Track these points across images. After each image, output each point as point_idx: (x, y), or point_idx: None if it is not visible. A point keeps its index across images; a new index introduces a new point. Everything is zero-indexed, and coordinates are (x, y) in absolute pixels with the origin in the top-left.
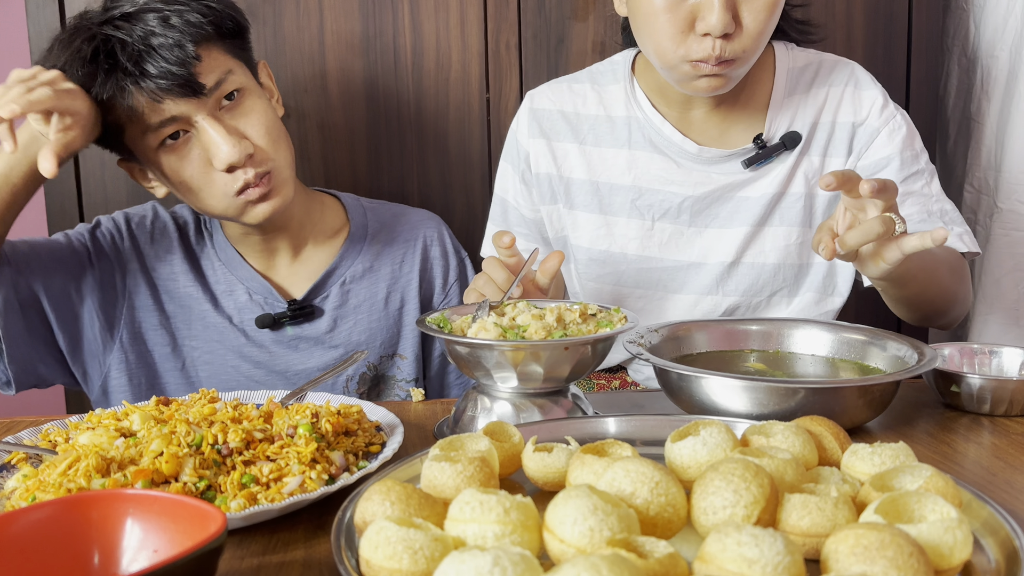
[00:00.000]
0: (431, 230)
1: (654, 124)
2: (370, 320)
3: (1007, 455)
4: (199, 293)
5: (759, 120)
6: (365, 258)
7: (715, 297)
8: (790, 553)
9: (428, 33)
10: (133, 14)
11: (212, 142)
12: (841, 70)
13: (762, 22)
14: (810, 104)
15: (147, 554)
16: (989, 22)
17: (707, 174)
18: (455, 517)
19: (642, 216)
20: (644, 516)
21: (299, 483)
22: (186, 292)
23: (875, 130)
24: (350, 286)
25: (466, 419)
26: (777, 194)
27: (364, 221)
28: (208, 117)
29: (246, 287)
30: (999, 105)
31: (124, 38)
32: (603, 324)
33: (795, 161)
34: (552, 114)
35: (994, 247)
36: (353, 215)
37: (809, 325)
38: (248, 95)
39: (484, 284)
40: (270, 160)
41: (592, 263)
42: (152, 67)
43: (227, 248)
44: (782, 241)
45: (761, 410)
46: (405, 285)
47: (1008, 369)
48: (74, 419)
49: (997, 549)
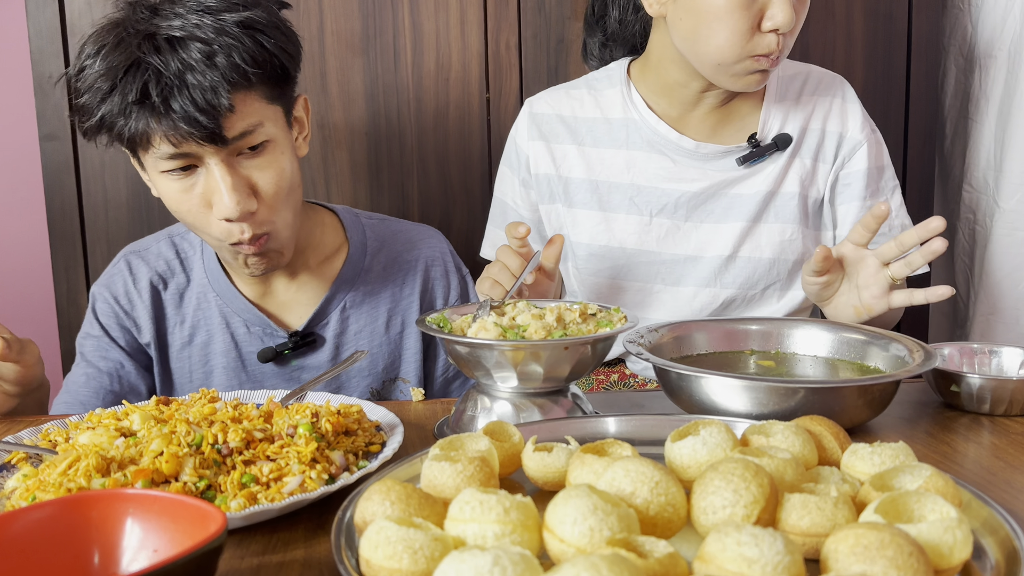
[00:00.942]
0: (433, 249)
1: (650, 124)
2: (371, 346)
3: (1007, 455)
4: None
5: (751, 121)
6: (365, 281)
7: (713, 289)
8: (790, 553)
9: (428, 33)
10: (179, 39)
11: (217, 190)
12: (829, 82)
13: (800, 21)
14: (801, 110)
15: (147, 554)
16: (987, 22)
17: (703, 171)
18: (455, 517)
19: (640, 212)
20: (644, 516)
21: (299, 483)
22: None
23: (858, 143)
24: (350, 311)
25: (466, 419)
26: (770, 192)
27: (363, 240)
28: (221, 164)
29: (243, 319)
30: (998, 105)
31: (160, 68)
32: (603, 324)
33: (787, 162)
34: (551, 118)
35: (994, 247)
36: (351, 233)
37: (809, 325)
38: (272, 149)
39: (499, 271)
40: (270, 223)
41: (592, 258)
42: (178, 106)
43: (220, 278)
44: (777, 237)
45: (761, 410)
46: (406, 308)
47: (1008, 369)
48: (74, 419)
49: (997, 549)
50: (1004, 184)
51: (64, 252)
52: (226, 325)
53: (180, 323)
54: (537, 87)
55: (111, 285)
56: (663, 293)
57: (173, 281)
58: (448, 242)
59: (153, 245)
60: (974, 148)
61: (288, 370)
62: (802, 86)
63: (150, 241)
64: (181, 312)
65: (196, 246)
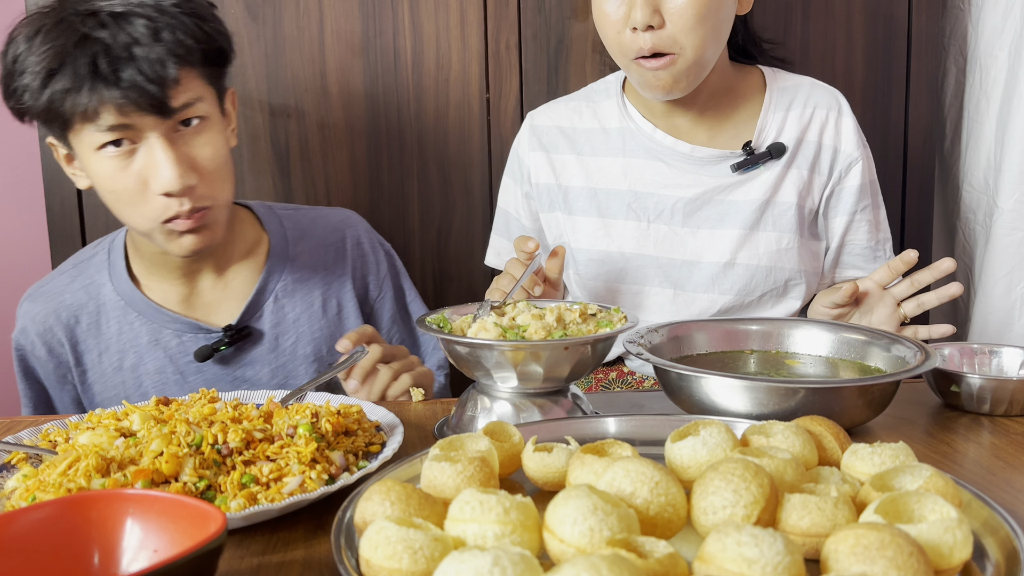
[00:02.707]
0: (355, 228)
1: (645, 132)
2: (311, 331)
3: (1007, 455)
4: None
5: (748, 128)
6: (293, 269)
7: (711, 295)
8: (790, 553)
9: (428, 33)
10: (122, 14)
11: (158, 164)
12: (825, 94)
13: (688, 18)
14: (797, 120)
15: (147, 554)
16: (987, 22)
17: (698, 176)
18: (455, 517)
19: (638, 218)
20: (644, 516)
21: (299, 483)
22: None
23: (854, 160)
24: (284, 300)
25: (466, 419)
26: (766, 200)
27: (282, 231)
28: (162, 138)
29: (173, 330)
30: (998, 105)
31: (108, 42)
32: (603, 324)
33: (783, 171)
34: (551, 130)
35: (994, 247)
36: (269, 226)
37: (809, 325)
38: (210, 126)
39: (508, 283)
40: (209, 198)
41: (591, 263)
42: (127, 76)
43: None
44: (774, 245)
45: (761, 410)
46: (339, 289)
47: (1008, 369)
48: (74, 419)
49: (997, 549)
50: (1003, 184)
51: (64, 252)
52: (156, 342)
53: (105, 350)
54: (537, 87)
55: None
56: (660, 296)
57: (84, 312)
58: (365, 221)
59: (56, 278)
60: (974, 148)
61: (231, 370)
62: (797, 97)
63: (52, 277)
64: (103, 340)
65: (103, 268)
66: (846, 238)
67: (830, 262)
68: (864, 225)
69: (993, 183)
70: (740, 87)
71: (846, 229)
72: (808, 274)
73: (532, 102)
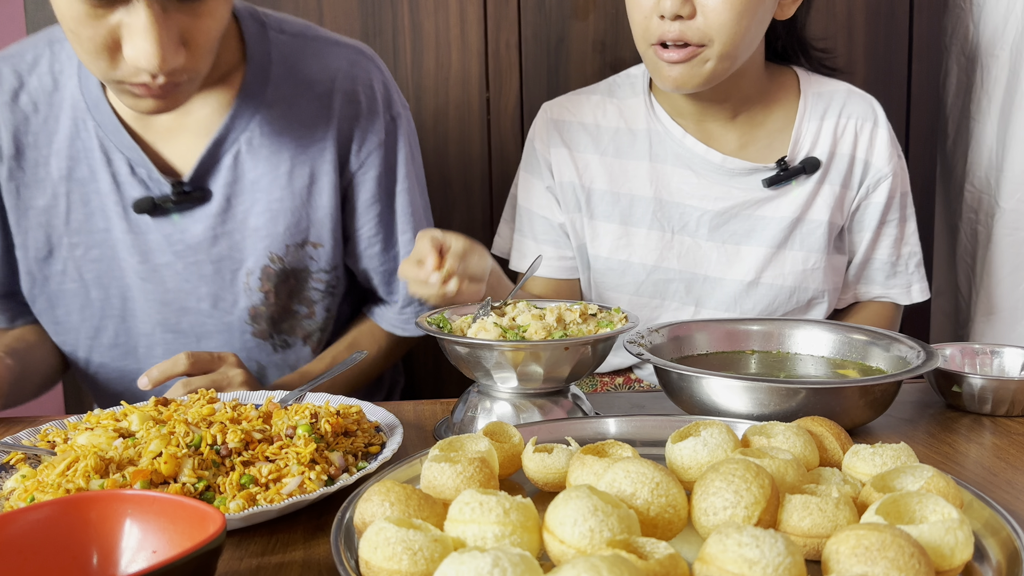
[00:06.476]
0: (359, 72)
1: (675, 136)
2: (269, 200)
3: (1008, 455)
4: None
5: (782, 139)
6: (264, 119)
7: (731, 314)
8: (791, 554)
9: (428, 32)
10: None
11: (140, 38)
12: (861, 103)
13: (721, 12)
14: (832, 131)
15: (146, 555)
16: (989, 21)
17: (728, 188)
18: (455, 518)
19: (662, 228)
20: (644, 517)
21: (298, 484)
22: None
23: (884, 176)
24: (245, 157)
25: (466, 419)
26: (796, 218)
27: (266, 62)
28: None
29: (126, 157)
30: (1000, 104)
31: None
32: (603, 324)
33: (815, 188)
34: (572, 125)
35: (995, 247)
36: (253, 49)
37: (810, 325)
38: None
39: None
40: (191, 71)
41: (610, 272)
42: None
43: (102, 104)
44: (800, 265)
45: (762, 410)
46: (317, 155)
47: (1009, 369)
48: (73, 419)
49: (998, 549)
50: (1005, 183)
51: None
52: (107, 162)
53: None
54: (537, 86)
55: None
56: (681, 313)
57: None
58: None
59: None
60: (976, 147)
61: (168, 224)
62: (832, 106)
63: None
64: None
65: (74, 58)
66: (869, 254)
67: (852, 277)
68: (887, 240)
69: (995, 183)
70: (773, 90)
71: (870, 244)
72: (831, 292)
73: (532, 101)
